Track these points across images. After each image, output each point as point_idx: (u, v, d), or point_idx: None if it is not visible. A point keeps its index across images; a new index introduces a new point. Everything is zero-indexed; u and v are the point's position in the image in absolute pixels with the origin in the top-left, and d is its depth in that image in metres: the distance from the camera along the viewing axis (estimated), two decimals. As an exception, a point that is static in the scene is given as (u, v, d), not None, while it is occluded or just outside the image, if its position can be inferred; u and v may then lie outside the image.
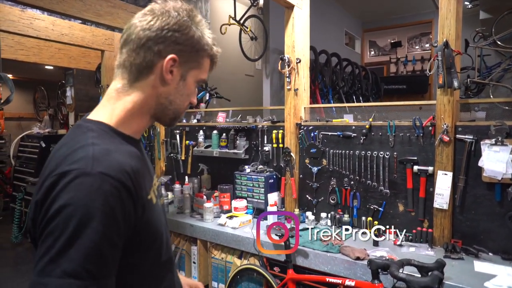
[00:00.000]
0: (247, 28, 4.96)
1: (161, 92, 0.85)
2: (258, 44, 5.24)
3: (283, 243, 2.10)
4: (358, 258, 1.93)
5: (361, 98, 6.49)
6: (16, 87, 7.90)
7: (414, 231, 2.19)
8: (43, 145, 4.82)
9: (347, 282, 1.70)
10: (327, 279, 1.81)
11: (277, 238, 2.14)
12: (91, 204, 0.64)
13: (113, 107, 0.83)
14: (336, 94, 5.79)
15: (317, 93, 5.23)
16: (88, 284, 0.62)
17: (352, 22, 9.16)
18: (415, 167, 2.21)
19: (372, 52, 10.16)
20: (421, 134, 2.19)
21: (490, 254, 1.96)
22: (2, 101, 2.43)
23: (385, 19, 9.22)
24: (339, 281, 1.75)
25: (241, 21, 4.95)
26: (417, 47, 9.48)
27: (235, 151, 3.04)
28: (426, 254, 1.99)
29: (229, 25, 4.92)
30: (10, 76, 7.58)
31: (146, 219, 0.77)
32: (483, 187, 2.01)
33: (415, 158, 2.22)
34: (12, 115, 7.61)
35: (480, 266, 1.82)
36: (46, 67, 5.87)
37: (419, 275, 1.42)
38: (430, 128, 2.16)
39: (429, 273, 1.33)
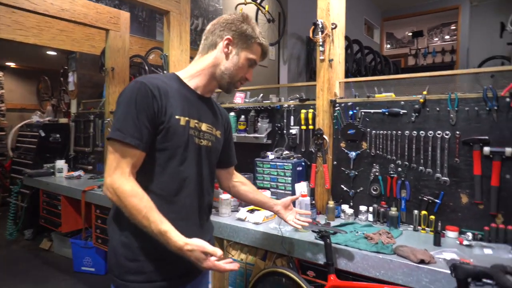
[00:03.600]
0: (265, 8, 4.56)
1: (220, 61, 1.28)
2: (275, 27, 4.84)
3: (322, 242, 1.69)
4: (422, 261, 1.50)
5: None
6: (19, 77, 7.62)
7: (486, 227, 1.75)
8: (43, 134, 4.43)
9: (418, 294, 1.28)
10: (387, 289, 1.39)
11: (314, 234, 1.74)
12: (127, 94, 1.14)
13: (189, 67, 1.33)
14: (358, 83, 5.36)
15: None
16: (118, 135, 1.11)
17: (372, 9, 8.71)
18: (486, 149, 1.78)
19: (389, 45, 9.69)
20: (495, 107, 1.75)
21: None
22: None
23: (406, 7, 8.73)
24: (405, 291, 1.33)
25: (258, 0, 4.55)
26: (436, 38, 8.99)
27: (256, 135, 2.63)
28: (510, 258, 1.56)
29: (245, 4, 4.52)
30: (12, 64, 7.31)
31: (168, 126, 1.16)
32: None
33: (486, 137, 1.79)
34: (14, 106, 7.31)
35: None
36: (48, 52, 5.54)
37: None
38: (508, 99, 1.73)
39: None
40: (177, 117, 1.19)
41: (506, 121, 1.74)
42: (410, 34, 9.11)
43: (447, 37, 8.84)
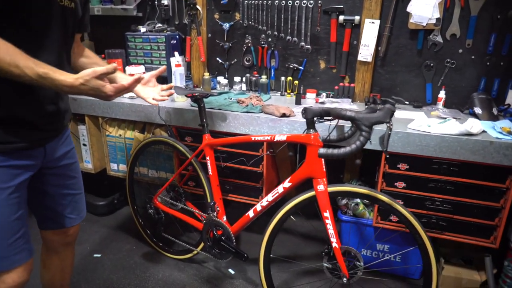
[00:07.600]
0: None
1: None
2: None
3: (196, 108, 1.76)
4: (284, 115, 1.73)
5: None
6: None
7: (336, 87, 2.07)
8: None
9: (277, 137, 1.50)
10: (253, 138, 1.58)
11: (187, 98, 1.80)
12: None
13: None
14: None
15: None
16: None
17: None
18: (341, 17, 1.98)
19: None
20: (351, -24, 1.91)
21: (406, 103, 1.98)
22: None
23: None
24: (267, 137, 1.54)
25: None
26: None
27: (124, 6, 2.37)
28: (349, 107, 1.90)
29: None
30: None
31: None
32: (406, 36, 1.92)
33: (341, 6, 1.98)
34: None
35: (398, 114, 1.82)
36: None
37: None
38: (361, -32, 1.89)
39: (380, 107, 1.18)
40: None
41: (358, -11, 1.94)
42: None
43: None
